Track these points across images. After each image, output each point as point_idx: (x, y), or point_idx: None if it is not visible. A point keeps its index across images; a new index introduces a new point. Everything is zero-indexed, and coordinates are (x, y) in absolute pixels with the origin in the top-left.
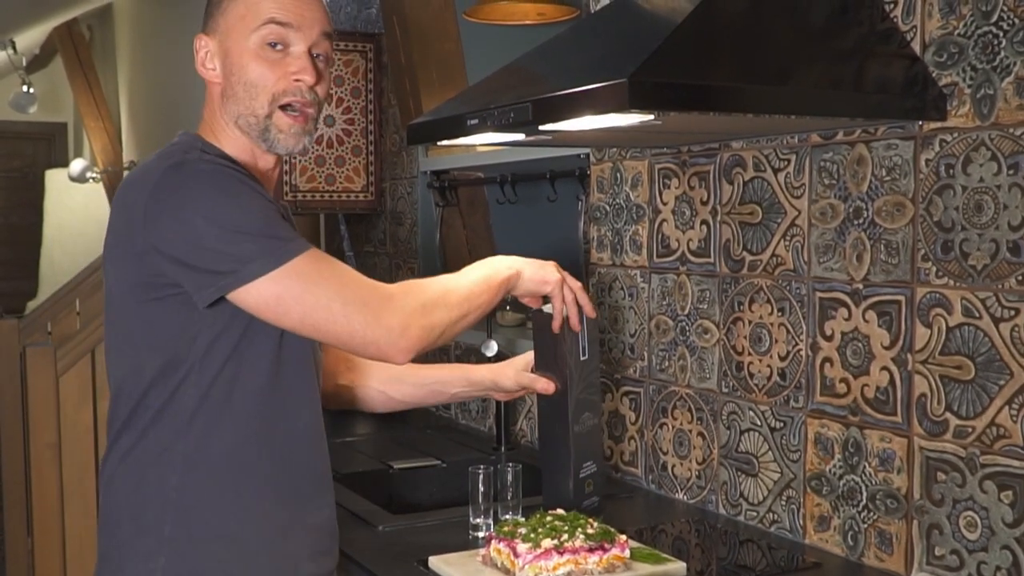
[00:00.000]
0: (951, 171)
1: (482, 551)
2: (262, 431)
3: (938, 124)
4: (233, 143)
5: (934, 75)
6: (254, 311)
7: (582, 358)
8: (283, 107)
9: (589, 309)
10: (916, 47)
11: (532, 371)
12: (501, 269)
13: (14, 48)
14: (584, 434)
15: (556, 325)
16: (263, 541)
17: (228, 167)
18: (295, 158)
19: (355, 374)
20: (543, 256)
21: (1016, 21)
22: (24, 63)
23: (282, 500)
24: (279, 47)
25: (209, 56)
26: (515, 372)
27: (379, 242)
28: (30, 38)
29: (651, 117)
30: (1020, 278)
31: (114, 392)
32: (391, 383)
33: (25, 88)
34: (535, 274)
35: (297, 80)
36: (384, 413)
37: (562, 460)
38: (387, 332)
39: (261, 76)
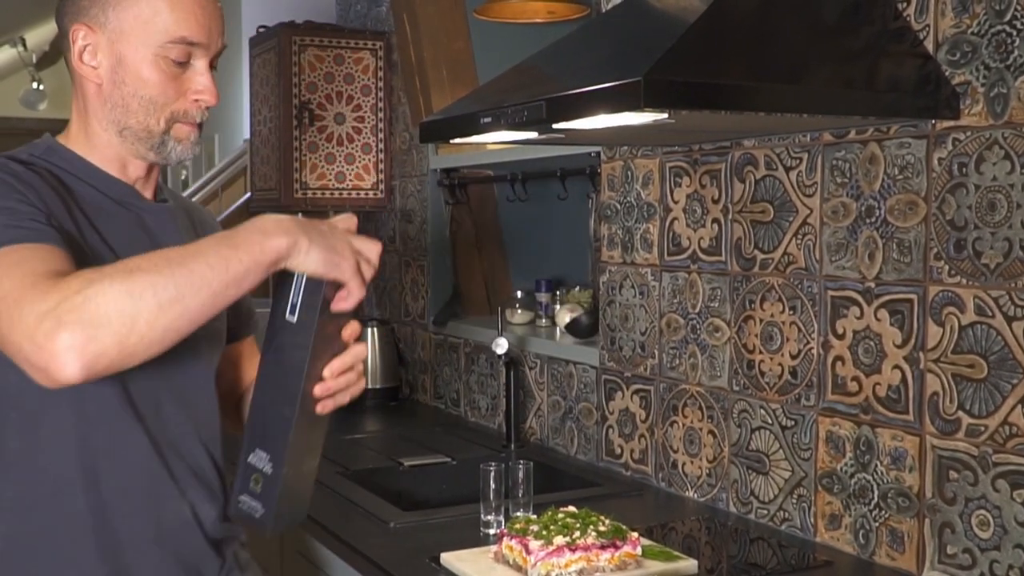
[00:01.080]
0: (964, 170)
1: (494, 548)
2: (80, 473)
3: (951, 123)
4: (104, 151)
5: (947, 74)
6: None
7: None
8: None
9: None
10: (929, 46)
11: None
12: (269, 232)
13: (24, 45)
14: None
15: (350, 304)
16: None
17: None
18: (305, 155)
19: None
20: (551, 252)
21: None
22: (34, 60)
23: (103, 554)
24: (182, 64)
25: (91, 51)
26: None
27: (388, 240)
28: (40, 35)
29: (665, 115)
30: None
31: None
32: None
33: (35, 85)
34: (323, 253)
35: (197, 101)
36: (394, 409)
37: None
38: (25, 333)
39: (162, 93)
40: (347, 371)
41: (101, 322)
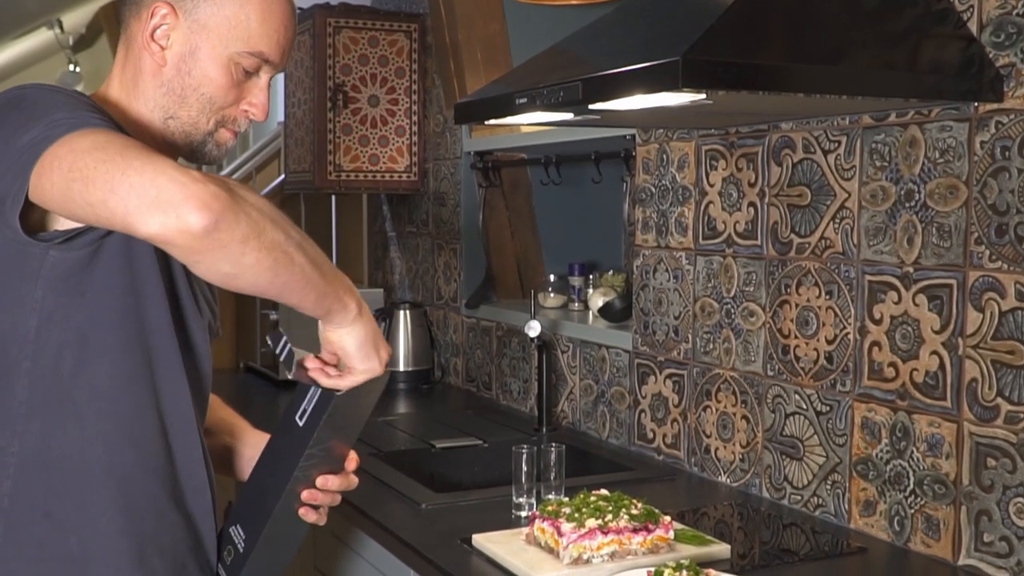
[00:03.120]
0: (1007, 153)
1: (525, 530)
2: (114, 431)
3: (994, 106)
4: (138, 129)
5: (991, 56)
6: (53, 188)
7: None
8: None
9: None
10: (973, 27)
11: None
12: (346, 291)
13: (61, 27)
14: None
15: (342, 385)
16: (109, 567)
17: (71, 94)
18: (339, 138)
19: None
20: (584, 236)
21: None
22: (71, 42)
23: (137, 516)
24: (249, 74)
25: (165, 32)
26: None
27: (421, 223)
28: (76, 17)
29: (702, 96)
30: None
31: None
32: None
33: (71, 67)
34: (366, 340)
35: (247, 112)
36: (425, 392)
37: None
38: (167, 177)
39: (223, 96)
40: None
41: (254, 228)
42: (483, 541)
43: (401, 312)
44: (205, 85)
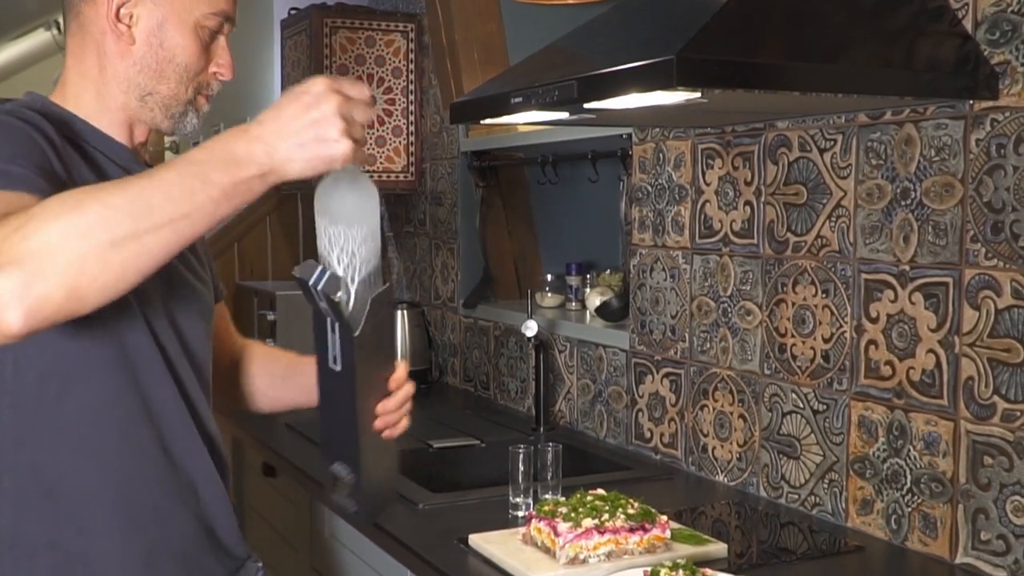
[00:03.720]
0: (1002, 151)
1: (522, 530)
2: (106, 448)
3: (989, 103)
4: (114, 114)
5: (986, 53)
6: None
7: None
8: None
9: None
10: (968, 25)
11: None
12: (235, 155)
13: (59, 28)
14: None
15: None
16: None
17: (10, 119)
18: None
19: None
20: (581, 235)
21: None
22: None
23: (141, 527)
24: (214, 35)
25: (130, 11)
26: None
27: (419, 223)
28: None
29: (697, 95)
30: None
31: None
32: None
33: None
34: (301, 149)
35: (216, 73)
36: (423, 392)
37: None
38: None
39: (196, 62)
40: (397, 409)
41: (44, 262)
42: (480, 541)
43: (399, 312)
44: (179, 54)
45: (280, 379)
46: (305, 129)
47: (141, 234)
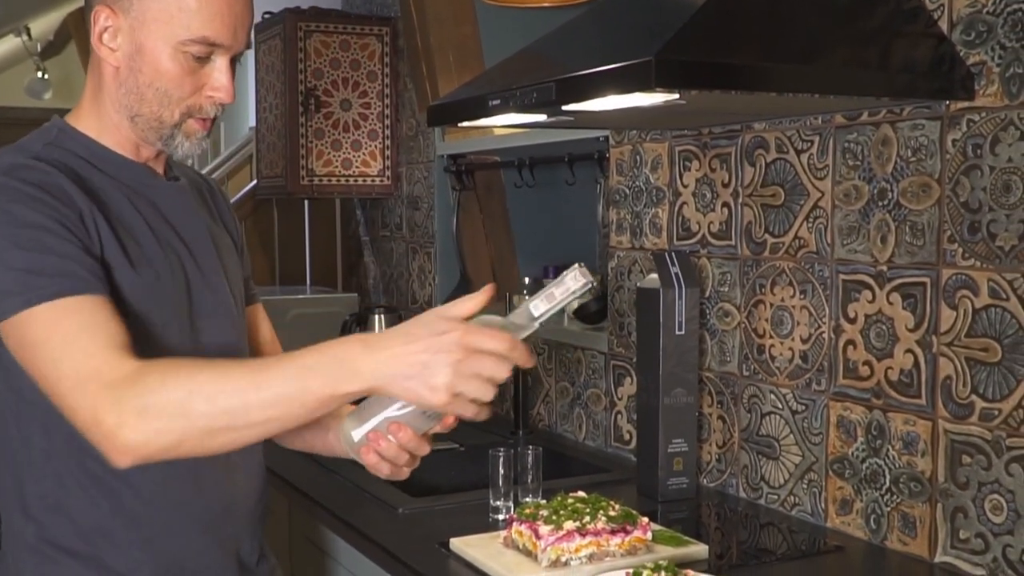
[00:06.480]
0: (979, 151)
1: (503, 533)
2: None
3: (965, 104)
4: (115, 133)
5: (962, 54)
6: (14, 353)
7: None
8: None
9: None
10: (944, 26)
11: None
12: (346, 370)
13: (29, 35)
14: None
15: (448, 423)
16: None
17: (24, 186)
18: (311, 142)
19: None
20: (559, 238)
21: None
22: (39, 49)
23: (159, 547)
24: (201, 59)
25: (111, 34)
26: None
27: (395, 227)
28: (44, 24)
29: (675, 96)
30: None
31: None
32: None
33: (40, 74)
34: (406, 388)
35: (212, 97)
36: None
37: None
38: (97, 426)
39: (178, 87)
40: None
41: (161, 432)
42: (461, 545)
43: (376, 316)
44: (157, 79)
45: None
46: (417, 366)
47: (238, 428)
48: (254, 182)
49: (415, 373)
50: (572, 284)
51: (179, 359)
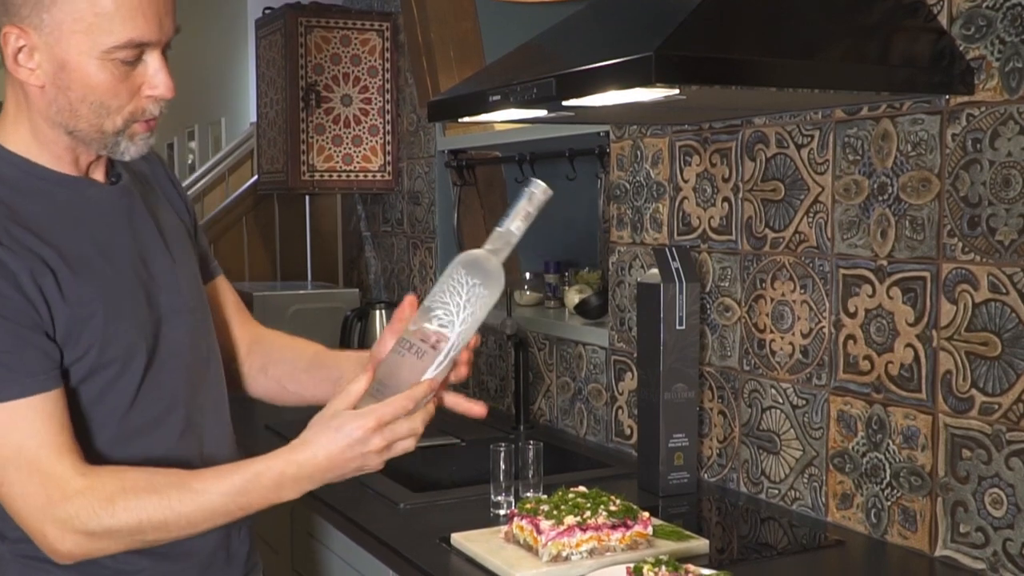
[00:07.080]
0: (978, 146)
1: (504, 528)
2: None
3: (965, 98)
4: (51, 147)
5: (961, 48)
6: None
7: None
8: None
9: (471, 409)
10: (943, 20)
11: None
12: (283, 491)
13: None
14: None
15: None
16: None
17: None
18: (312, 138)
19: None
20: (559, 233)
21: None
22: None
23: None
24: (132, 62)
25: (27, 53)
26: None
27: (396, 222)
28: None
29: (676, 91)
30: None
31: None
32: (286, 373)
33: None
34: (345, 478)
35: (152, 97)
36: None
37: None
38: (42, 537)
39: (114, 96)
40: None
41: (106, 548)
42: (462, 540)
43: (377, 312)
44: (90, 94)
45: (304, 372)
46: (351, 472)
47: (182, 534)
48: (255, 177)
49: (350, 470)
50: (542, 196)
51: (125, 472)
